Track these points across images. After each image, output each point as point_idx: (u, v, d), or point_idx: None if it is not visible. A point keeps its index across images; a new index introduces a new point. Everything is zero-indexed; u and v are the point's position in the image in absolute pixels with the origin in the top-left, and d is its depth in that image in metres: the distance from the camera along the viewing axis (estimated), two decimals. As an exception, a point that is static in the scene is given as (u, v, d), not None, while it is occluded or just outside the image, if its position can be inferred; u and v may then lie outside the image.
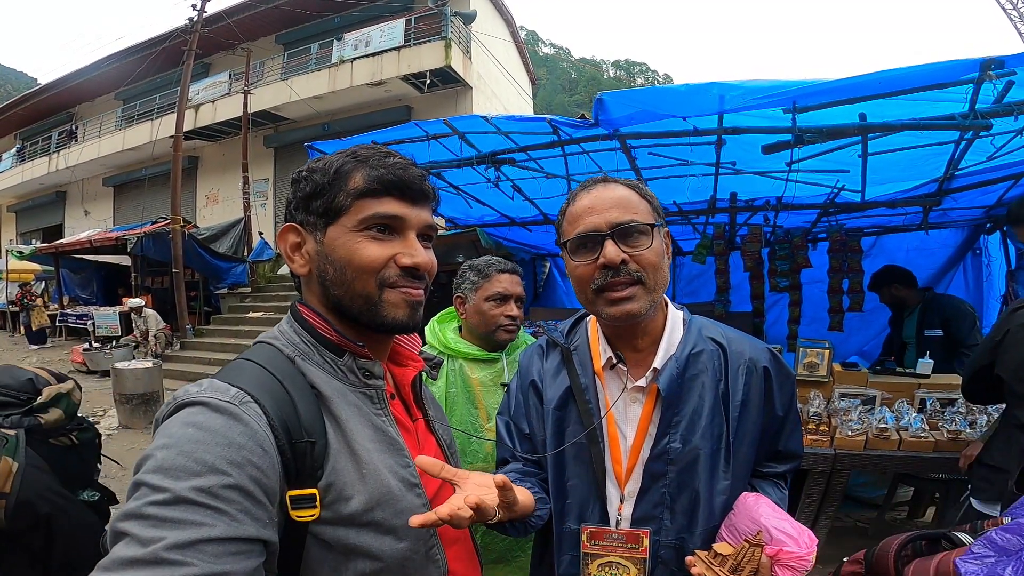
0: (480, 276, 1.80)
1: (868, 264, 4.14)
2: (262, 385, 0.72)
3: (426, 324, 1.93)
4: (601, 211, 1.02)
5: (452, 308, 1.91)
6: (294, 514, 0.69)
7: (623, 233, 1.00)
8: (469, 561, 0.94)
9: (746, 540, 0.90)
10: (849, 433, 2.62)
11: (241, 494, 0.62)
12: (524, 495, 0.96)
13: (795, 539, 0.89)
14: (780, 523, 0.91)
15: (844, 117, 2.42)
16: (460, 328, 1.91)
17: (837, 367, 3.09)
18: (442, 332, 1.87)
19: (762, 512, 0.93)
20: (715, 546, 0.94)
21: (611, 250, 0.99)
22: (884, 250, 4.61)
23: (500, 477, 0.82)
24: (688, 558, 0.95)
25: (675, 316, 1.12)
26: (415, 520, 0.70)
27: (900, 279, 3.55)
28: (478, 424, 1.76)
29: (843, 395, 2.88)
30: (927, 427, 2.58)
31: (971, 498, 1.75)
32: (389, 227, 0.81)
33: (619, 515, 1.06)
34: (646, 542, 1.02)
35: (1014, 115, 2.13)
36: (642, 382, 1.07)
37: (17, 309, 13.72)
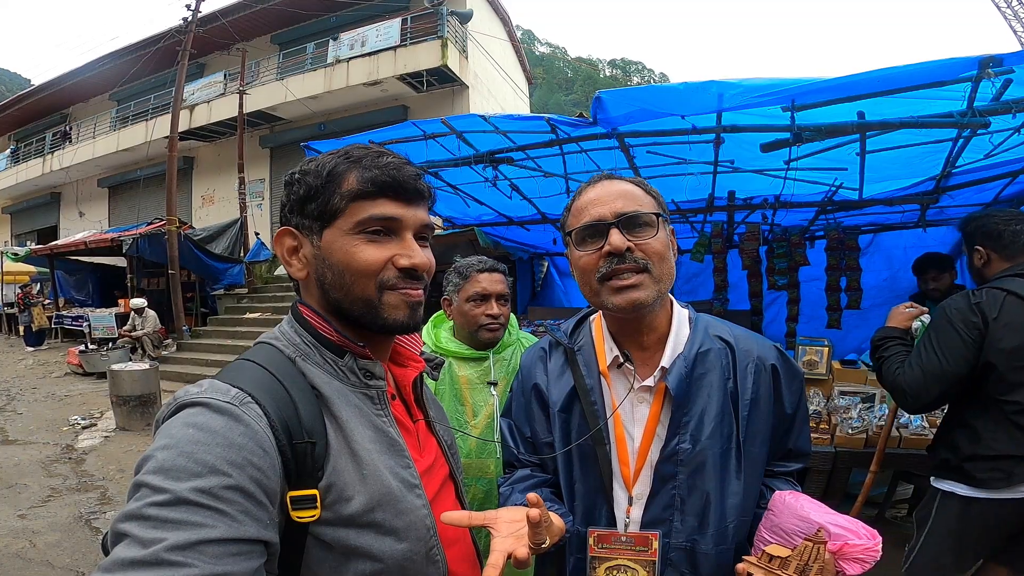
0: (461, 277, 1.85)
1: (865, 262, 4.15)
2: (262, 386, 0.72)
3: (425, 324, 1.95)
4: (607, 202, 1.03)
5: None
6: (294, 515, 0.68)
7: (628, 222, 1.01)
8: (470, 562, 0.94)
9: (807, 539, 0.87)
10: (849, 431, 2.62)
11: (242, 495, 0.62)
12: (556, 520, 0.95)
13: (855, 532, 0.86)
14: (833, 518, 0.89)
15: (842, 115, 2.42)
16: (454, 329, 1.95)
17: (836, 365, 3.09)
18: (436, 333, 1.93)
19: (809, 509, 0.90)
20: (767, 549, 0.89)
21: (616, 237, 0.99)
22: (881, 248, 4.62)
23: (534, 512, 0.80)
24: (739, 566, 0.91)
25: (681, 314, 1.12)
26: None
27: (939, 265, 3.38)
28: (464, 420, 1.81)
29: (843, 393, 2.88)
30: (927, 424, 2.58)
31: (982, 491, 1.75)
32: (385, 228, 0.80)
33: (627, 518, 1.04)
34: (655, 545, 1.01)
35: (1012, 113, 2.14)
36: (650, 381, 1.06)
37: (18, 309, 13.68)
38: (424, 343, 1.87)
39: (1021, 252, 1.90)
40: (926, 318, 2.08)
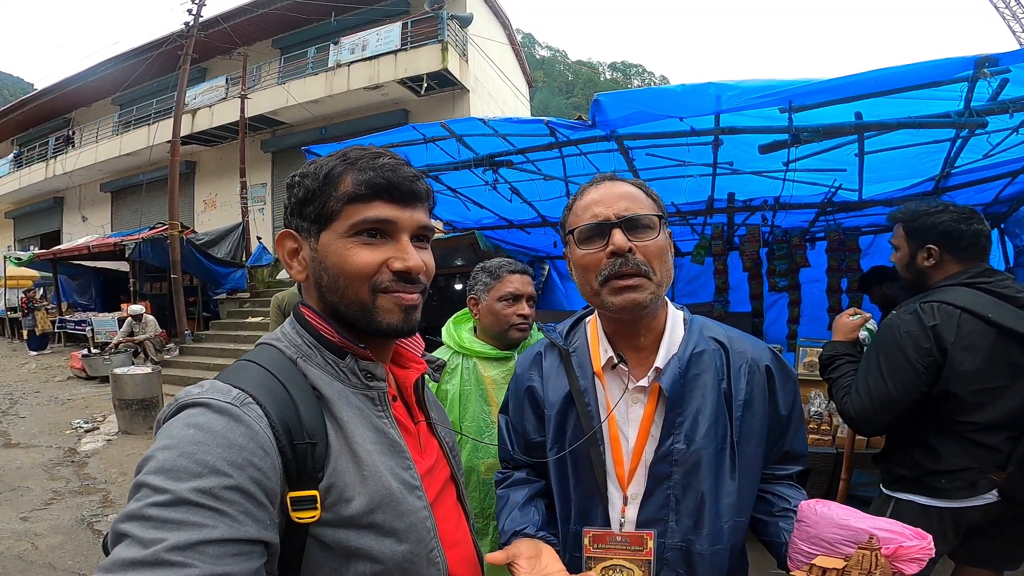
0: (492, 277, 1.85)
1: (866, 263, 4.15)
2: (263, 386, 0.72)
3: (427, 327, 1.96)
4: (610, 203, 1.04)
5: (467, 309, 1.96)
6: (295, 515, 0.69)
7: (630, 224, 1.02)
8: (470, 563, 0.94)
9: (861, 547, 0.86)
10: (850, 432, 2.62)
11: (242, 495, 0.62)
12: (549, 557, 0.99)
13: (902, 534, 0.85)
14: (874, 522, 0.87)
15: (840, 116, 2.43)
16: (475, 329, 1.96)
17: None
18: (457, 333, 1.93)
19: (847, 516, 0.90)
20: (816, 561, 0.88)
21: (619, 238, 1.00)
22: (882, 249, 4.61)
23: None
24: None
25: (676, 315, 1.13)
26: None
27: (891, 278, 3.44)
28: (490, 421, 1.80)
29: (843, 394, 2.87)
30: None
31: (945, 501, 1.67)
32: (380, 231, 0.80)
33: (623, 517, 1.05)
34: (650, 544, 1.01)
35: (1009, 112, 2.14)
36: (644, 382, 1.06)
37: (22, 313, 13.71)
38: (445, 342, 1.90)
39: (979, 255, 1.73)
40: (872, 324, 1.96)
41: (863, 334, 1.95)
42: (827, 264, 4.19)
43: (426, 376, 0.97)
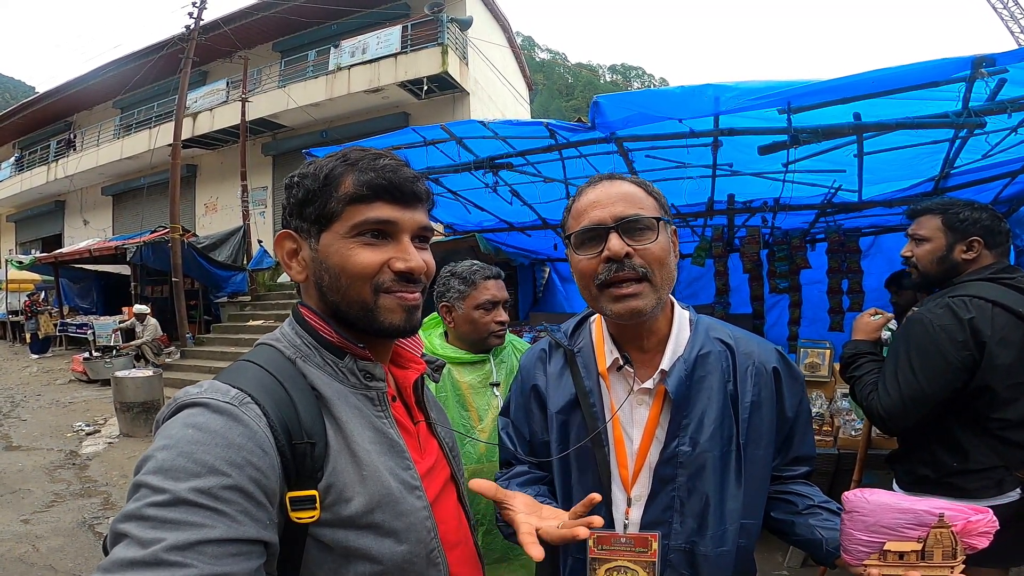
0: (466, 284, 1.80)
1: (867, 264, 4.15)
2: (262, 386, 0.72)
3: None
4: (606, 205, 1.01)
5: (435, 315, 1.92)
6: (294, 515, 0.69)
7: (628, 227, 0.99)
8: (471, 564, 0.94)
9: (936, 527, 0.85)
10: (852, 433, 2.62)
11: (241, 495, 0.62)
12: (551, 510, 0.95)
13: (964, 511, 0.85)
14: (930, 503, 0.86)
15: (839, 117, 2.44)
16: (446, 333, 1.92)
17: (838, 367, 3.09)
18: (428, 340, 1.89)
19: (903, 500, 0.88)
20: (890, 546, 0.87)
21: (615, 243, 0.98)
22: (882, 250, 4.62)
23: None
24: (872, 571, 0.87)
25: (681, 316, 1.11)
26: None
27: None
28: (470, 426, 1.77)
29: (845, 395, 2.88)
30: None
31: (970, 501, 1.67)
32: (382, 232, 0.81)
33: (627, 519, 1.04)
34: (655, 546, 1.00)
35: (1007, 112, 2.14)
36: (649, 384, 1.05)
37: (25, 317, 13.73)
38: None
39: (1006, 253, 1.78)
40: (894, 324, 1.94)
41: (885, 334, 1.92)
42: (827, 265, 4.19)
43: (425, 376, 0.97)
